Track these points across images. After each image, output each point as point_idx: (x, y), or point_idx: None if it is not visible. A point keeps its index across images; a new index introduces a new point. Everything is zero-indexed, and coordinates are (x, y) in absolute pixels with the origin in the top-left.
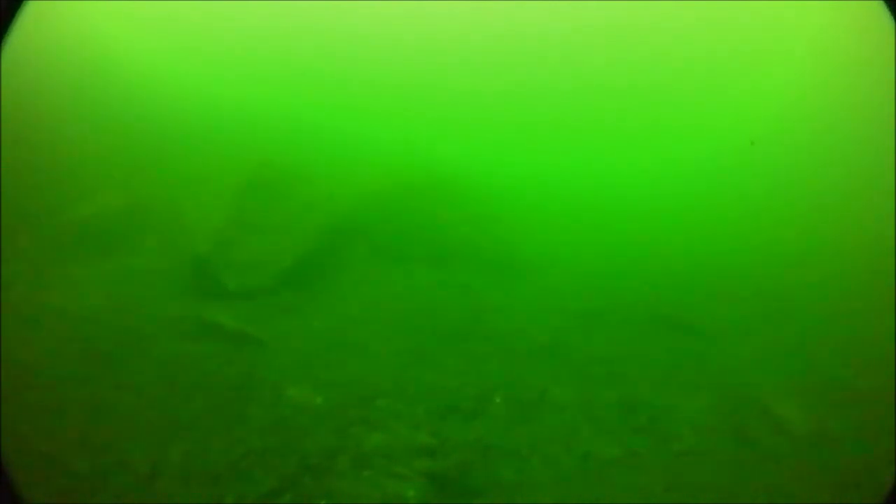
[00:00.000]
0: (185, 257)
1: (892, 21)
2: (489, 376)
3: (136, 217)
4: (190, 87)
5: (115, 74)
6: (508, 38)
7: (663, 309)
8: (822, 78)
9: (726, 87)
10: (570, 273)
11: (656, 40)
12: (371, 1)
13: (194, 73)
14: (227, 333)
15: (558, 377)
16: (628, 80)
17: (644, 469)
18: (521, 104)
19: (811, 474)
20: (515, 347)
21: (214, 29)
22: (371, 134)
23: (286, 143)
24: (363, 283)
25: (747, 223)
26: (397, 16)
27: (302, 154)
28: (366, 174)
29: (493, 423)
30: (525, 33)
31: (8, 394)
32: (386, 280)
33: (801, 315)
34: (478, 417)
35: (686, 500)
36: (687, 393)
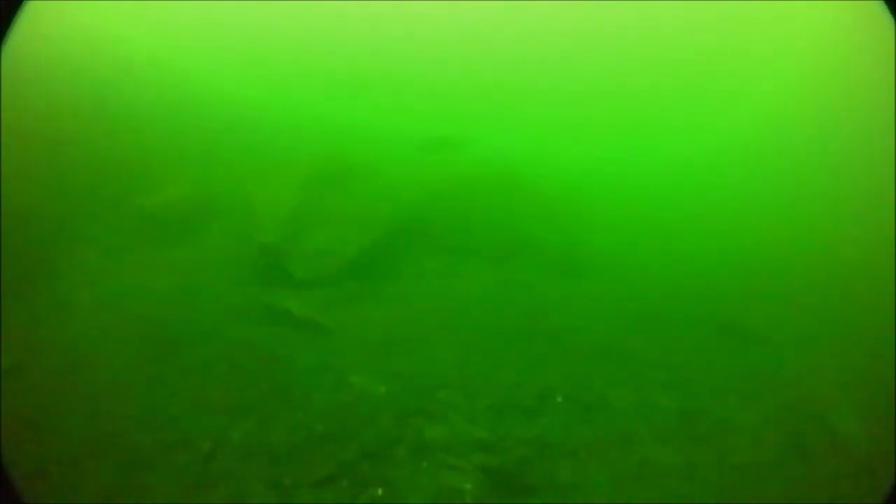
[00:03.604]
0: (253, 246)
1: (892, 21)
2: (549, 375)
3: (206, 207)
4: (261, 86)
5: (194, 76)
6: (569, 35)
7: (727, 314)
8: (824, 76)
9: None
10: (634, 273)
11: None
12: (437, 1)
13: (264, 73)
14: (294, 320)
15: (619, 380)
16: (693, 77)
17: (700, 480)
18: (589, 100)
19: (865, 495)
20: (576, 347)
21: (279, 33)
22: (435, 130)
23: (352, 138)
24: (426, 276)
25: (819, 228)
26: (459, 18)
27: (368, 148)
28: (431, 169)
29: (551, 421)
30: (587, 31)
31: (76, 369)
32: (448, 274)
33: (871, 327)
34: (537, 415)
35: None
36: (748, 403)
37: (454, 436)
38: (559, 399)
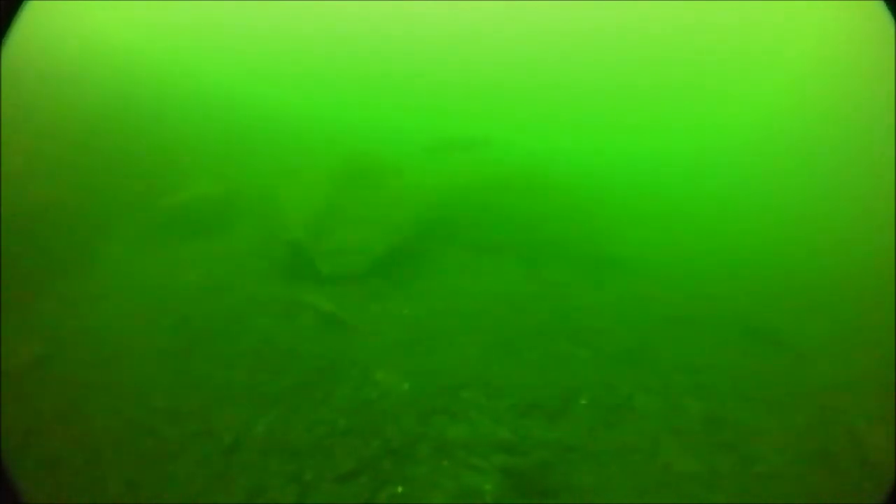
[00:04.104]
0: (279, 243)
1: (892, 21)
2: (574, 376)
3: (233, 205)
4: (287, 87)
5: (221, 78)
6: (596, 34)
7: (755, 320)
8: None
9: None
10: (662, 275)
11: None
12: (464, 1)
13: (290, 75)
14: (319, 315)
15: (644, 383)
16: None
17: (722, 488)
18: (618, 99)
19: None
20: (602, 349)
21: (305, 35)
22: (463, 129)
23: (379, 137)
24: (452, 274)
25: (850, 236)
26: (482, 19)
27: (394, 148)
28: (457, 168)
29: (574, 424)
30: (613, 29)
31: (103, 361)
32: (474, 272)
33: None
34: (560, 417)
35: None
36: (774, 412)
37: (476, 436)
38: (583, 401)
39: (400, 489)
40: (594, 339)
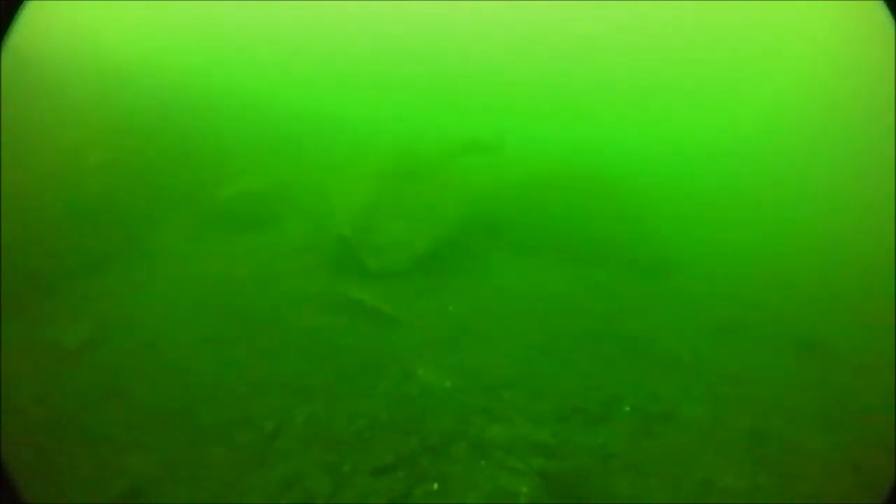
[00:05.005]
0: (327, 237)
1: (892, 21)
2: (618, 382)
3: (282, 199)
4: (338, 85)
5: (267, 78)
6: (649, 34)
7: (807, 330)
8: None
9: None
10: (712, 280)
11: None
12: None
13: (334, 74)
14: (364, 310)
15: (690, 392)
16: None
17: None
18: (671, 98)
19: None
20: (648, 355)
21: (350, 35)
22: (513, 129)
23: (426, 136)
24: (497, 272)
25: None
26: (532, 20)
27: (441, 146)
28: (505, 165)
29: (616, 431)
30: (651, 28)
31: (149, 347)
32: (519, 271)
33: None
34: (602, 423)
35: None
36: (821, 428)
37: (515, 437)
38: (626, 408)
39: (436, 486)
40: (640, 344)
